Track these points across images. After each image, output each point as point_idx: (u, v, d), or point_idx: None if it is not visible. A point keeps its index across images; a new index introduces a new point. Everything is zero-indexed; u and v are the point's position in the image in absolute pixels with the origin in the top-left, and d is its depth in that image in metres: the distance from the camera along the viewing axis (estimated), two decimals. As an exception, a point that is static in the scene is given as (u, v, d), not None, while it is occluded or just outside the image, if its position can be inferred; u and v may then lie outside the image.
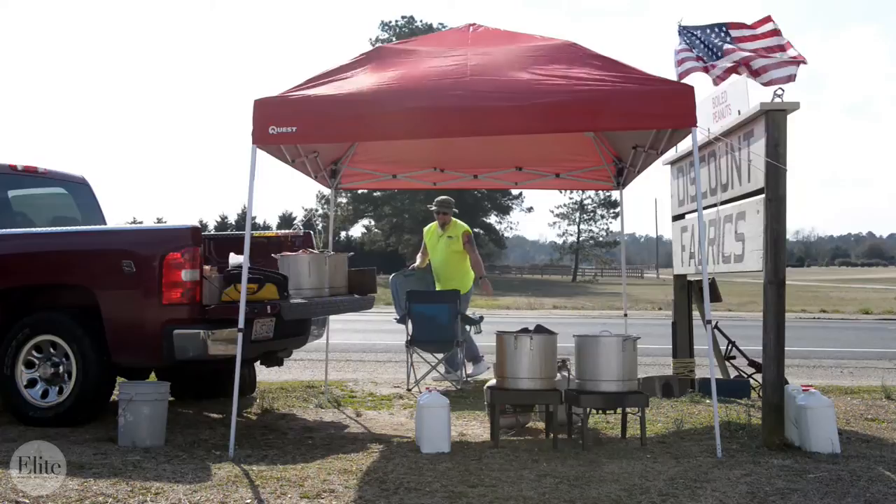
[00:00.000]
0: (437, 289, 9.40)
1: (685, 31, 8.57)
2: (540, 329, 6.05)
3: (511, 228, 67.35)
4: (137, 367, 6.97)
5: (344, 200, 54.10)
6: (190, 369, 7.45)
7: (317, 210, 57.08)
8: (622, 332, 6.57)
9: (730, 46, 7.18)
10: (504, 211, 62.29)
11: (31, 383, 6.43)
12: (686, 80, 8.02)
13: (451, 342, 8.73)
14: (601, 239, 67.97)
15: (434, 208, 9.46)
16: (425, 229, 9.72)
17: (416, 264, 9.82)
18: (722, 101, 6.92)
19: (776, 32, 7.06)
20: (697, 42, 8.25)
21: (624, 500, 4.49)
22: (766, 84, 6.40)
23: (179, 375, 7.54)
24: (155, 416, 5.82)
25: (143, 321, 6.13)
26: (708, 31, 7.99)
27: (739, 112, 6.50)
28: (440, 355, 8.91)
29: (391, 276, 9.97)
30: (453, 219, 9.51)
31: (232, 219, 62.19)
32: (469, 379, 9.01)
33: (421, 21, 58.51)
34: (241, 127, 5.96)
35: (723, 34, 7.69)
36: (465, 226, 9.59)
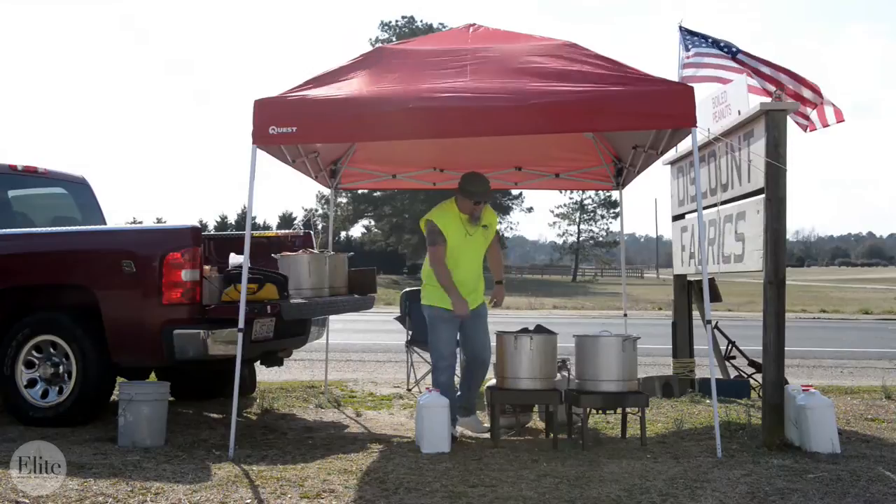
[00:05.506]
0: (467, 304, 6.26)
1: (686, 33, 8.63)
2: (540, 329, 6.05)
3: (511, 228, 67.31)
4: (137, 367, 6.97)
5: (344, 200, 54.08)
6: (190, 369, 7.45)
7: (317, 210, 57.03)
8: (622, 332, 6.57)
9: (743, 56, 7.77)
10: (504, 211, 62.23)
11: (31, 383, 6.43)
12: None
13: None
14: (601, 239, 67.97)
15: (477, 193, 6.19)
16: (439, 217, 6.24)
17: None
18: (722, 101, 6.93)
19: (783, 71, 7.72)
20: (701, 42, 8.34)
21: (624, 500, 4.49)
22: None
23: (179, 375, 7.54)
24: (155, 416, 5.82)
25: (143, 321, 6.13)
26: (709, 40, 8.25)
27: (739, 112, 6.50)
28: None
29: (404, 293, 9.21)
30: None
31: (232, 219, 62.06)
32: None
33: (421, 21, 58.44)
34: (242, 127, 5.97)
35: (723, 45, 8.07)
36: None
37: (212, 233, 10.52)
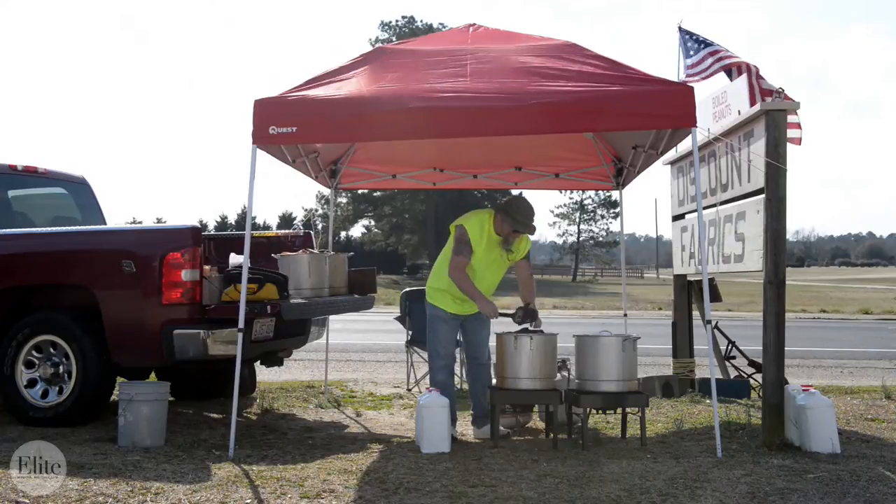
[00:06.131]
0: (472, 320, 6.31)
1: (685, 34, 8.64)
2: (540, 329, 6.05)
3: (511, 228, 67.28)
4: (137, 367, 6.97)
5: (344, 200, 54.09)
6: (190, 369, 7.45)
7: (317, 210, 57.04)
8: (622, 332, 6.57)
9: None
10: (504, 211, 62.38)
11: (31, 383, 6.43)
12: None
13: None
14: (601, 239, 67.98)
15: (523, 225, 6.09)
16: (472, 229, 6.09)
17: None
18: (722, 101, 6.93)
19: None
20: (697, 42, 8.39)
21: (624, 500, 4.48)
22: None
23: (179, 375, 7.54)
24: (155, 416, 5.82)
25: (143, 321, 6.13)
26: (702, 40, 8.31)
27: (739, 112, 6.51)
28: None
29: (404, 292, 9.31)
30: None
31: (232, 219, 62.04)
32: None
33: (421, 21, 58.47)
34: (242, 127, 5.97)
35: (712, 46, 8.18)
36: None
37: (212, 233, 10.52)
